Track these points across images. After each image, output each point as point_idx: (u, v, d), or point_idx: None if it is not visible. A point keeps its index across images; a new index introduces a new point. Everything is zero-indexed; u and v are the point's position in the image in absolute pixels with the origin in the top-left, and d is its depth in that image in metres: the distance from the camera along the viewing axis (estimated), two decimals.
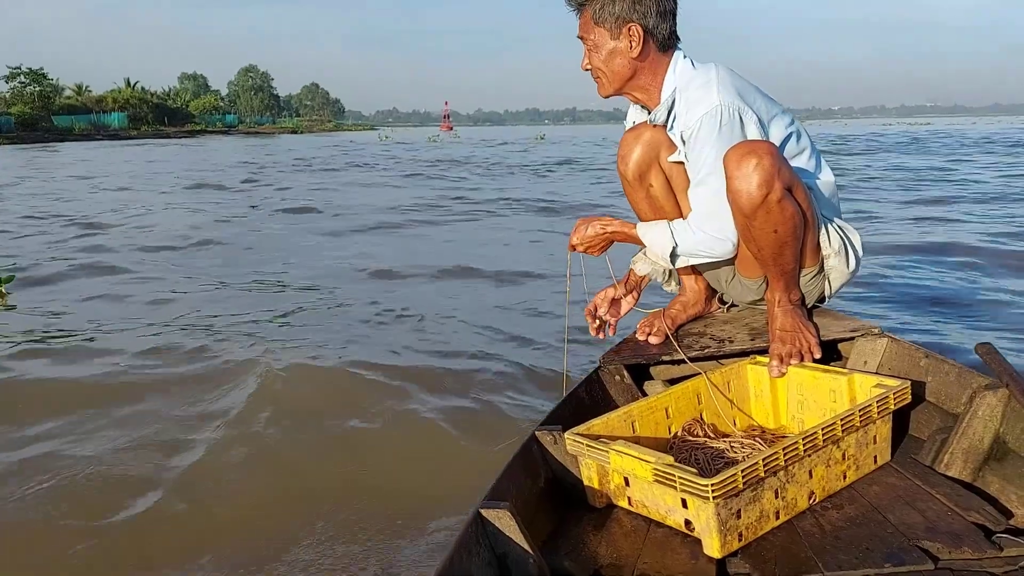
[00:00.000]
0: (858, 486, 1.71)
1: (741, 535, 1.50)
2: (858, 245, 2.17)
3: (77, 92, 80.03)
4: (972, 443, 1.71)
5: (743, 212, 1.91)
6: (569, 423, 1.81)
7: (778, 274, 2.05)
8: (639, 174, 2.20)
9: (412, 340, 4.02)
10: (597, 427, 1.77)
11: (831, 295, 2.24)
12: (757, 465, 1.48)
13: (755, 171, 1.86)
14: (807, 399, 1.98)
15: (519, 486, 1.63)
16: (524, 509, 1.55)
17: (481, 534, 1.41)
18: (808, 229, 2.02)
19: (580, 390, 2.12)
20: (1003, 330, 3.99)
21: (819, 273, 2.16)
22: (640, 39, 2.04)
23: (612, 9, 2.03)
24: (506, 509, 1.42)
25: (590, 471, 1.72)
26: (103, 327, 4.34)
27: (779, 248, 1.97)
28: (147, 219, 9.70)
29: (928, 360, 1.98)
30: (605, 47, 2.09)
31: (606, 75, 2.13)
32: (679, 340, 2.26)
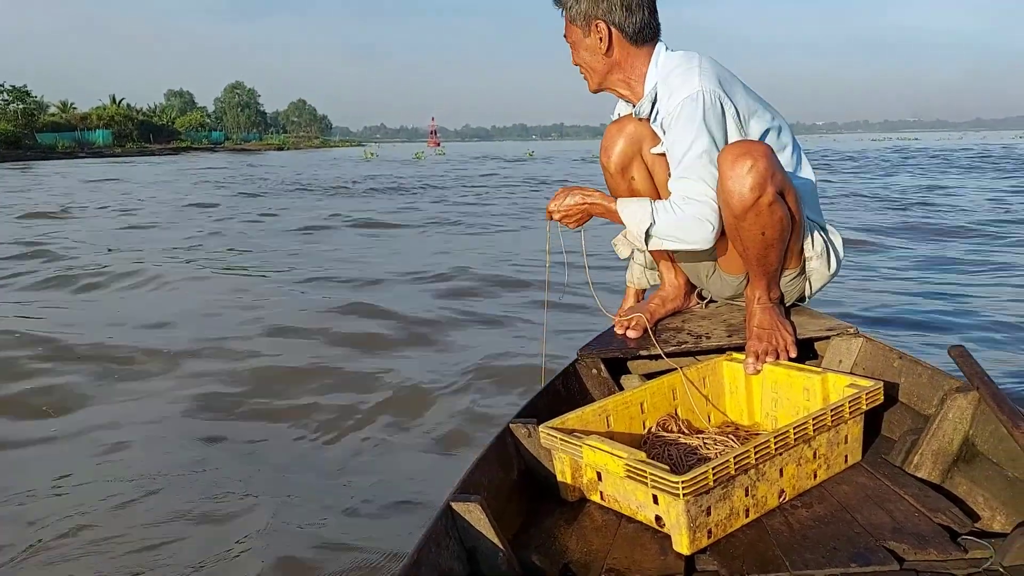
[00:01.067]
0: (828, 485, 1.72)
1: (710, 532, 1.51)
2: (839, 247, 2.18)
3: (62, 109, 79.14)
4: (942, 445, 1.72)
5: (733, 212, 1.92)
6: (544, 416, 1.81)
7: (761, 273, 2.05)
8: (621, 166, 2.20)
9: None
10: (571, 421, 1.77)
11: (811, 296, 2.25)
12: (728, 463, 1.49)
13: (749, 173, 1.86)
14: (781, 397, 1.99)
15: (491, 478, 1.63)
16: (495, 502, 1.55)
17: (451, 527, 1.41)
18: (794, 232, 2.03)
19: (557, 382, 2.12)
20: (976, 330, 4.03)
21: (800, 275, 2.17)
22: (606, 34, 2.05)
23: (579, 8, 2.07)
24: (476, 502, 1.41)
25: (563, 465, 1.72)
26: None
27: (765, 249, 1.98)
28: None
29: (902, 361, 2.00)
30: (581, 45, 2.12)
31: (587, 71, 2.16)
32: (657, 334, 2.27)
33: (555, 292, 4.35)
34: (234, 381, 3.67)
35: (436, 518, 1.39)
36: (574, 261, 2.15)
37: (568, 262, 2.19)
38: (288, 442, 2.98)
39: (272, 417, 3.23)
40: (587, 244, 2.18)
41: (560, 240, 2.13)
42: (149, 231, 10.16)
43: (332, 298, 5.45)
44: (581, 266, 2.17)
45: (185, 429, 3.12)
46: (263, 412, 3.29)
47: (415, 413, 3.24)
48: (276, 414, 3.26)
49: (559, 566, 1.50)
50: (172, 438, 3.03)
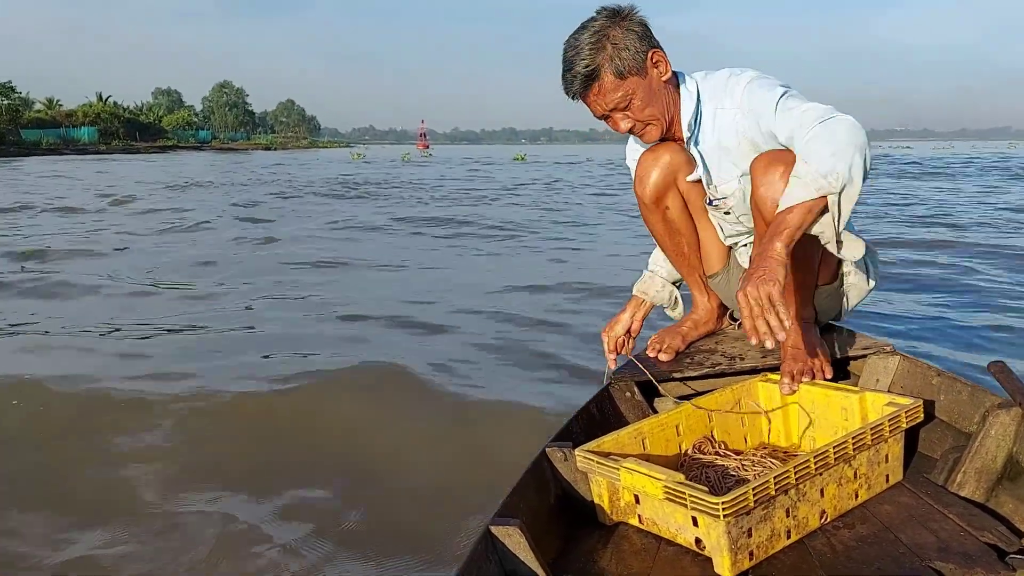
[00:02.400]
0: (870, 505, 1.70)
1: (752, 554, 1.49)
2: (876, 260, 2.17)
3: (48, 106, 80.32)
4: (985, 463, 1.70)
5: (766, 220, 1.89)
6: (580, 439, 1.81)
7: (795, 288, 2.04)
8: (656, 197, 2.18)
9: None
10: (607, 444, 1.76)
11: (848, 311, 2.23)
12: (768, 483, 1.48)
13: (782, 179, 1.83)
14: (819, 417, 1.98)
15: (529, 503, 1.63)
16: (534, 526, 1.55)
17: (491, 551, 1.41)
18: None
19: (591, 406, 2.12)
20: (1017, 348, 3.96)
21: (837, 289, 2.15)
22: (664, 60, 1.97)
23: (628, 51, 1.91)
24: (516, 526, 1.42)
25: (600, 488, 1.72)
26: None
27: (800, 261, 1.96)
28: None
29: (940, 378, 1.98)
30: (642, 91, 1.96)
31: (656, 117, 2.01)
32: (691, 357, 2.26)
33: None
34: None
35: (476, 542, 1.40)
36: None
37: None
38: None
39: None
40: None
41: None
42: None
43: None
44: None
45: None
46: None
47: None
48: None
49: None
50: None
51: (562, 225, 10.74)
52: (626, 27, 1.93)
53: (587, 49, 1.91)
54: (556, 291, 5.76)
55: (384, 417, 3.15)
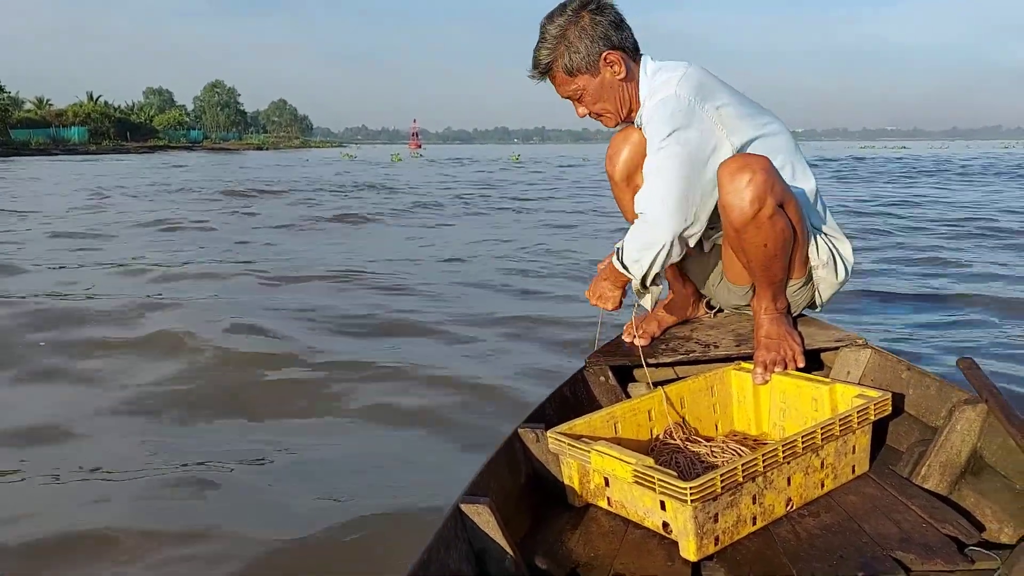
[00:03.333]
0: (835, 495, 1.72)
1: (717, 539, 1.51)
2: (848, 254, 2.18)
3: (38, 106, 79.39)
4: (949, 457, 1.72)
5: (734, 225, 1.93)
6: (552, 421, 1.82)
7: (766, 284, 2.06)
8: (626, 174, 2.20)
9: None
10: (579, 427, 1.77)
11: (822, 304, 2.25)
12: (736, 470, 1.50)
13: (748, 186, 1.87)
14: (789, 407, 2.00)
15: (500, 482, 1.64)
16: (504, 505, 1.55)
17: (460, 528, 1.41)
18: (798, 242, 2.03)
19: (564, 389, 2.13)
20: (984, 345, 4.02)
21: (806, 284, 2.17)
22: (619, 61, 2.02)
23: (578, 53, 1.99)
24: (486, 504, 1.42)
25: (571, 470, 1.73)
26: None
27: (768, 261, 1.99)
28: None
29: (910, 373, 2.00)
30: (593, 89, 2.05)
31: (610, 109, 2.10)
32: (665, 343, 2.27)
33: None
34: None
35: (445, 520, 1.40)
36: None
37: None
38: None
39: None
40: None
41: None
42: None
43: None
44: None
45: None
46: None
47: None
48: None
49: (566, 570, 1.51)
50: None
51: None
52: (586, 24, 1.98)
53: (547, 43, 2.02)
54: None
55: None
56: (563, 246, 7.98)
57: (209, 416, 3.12)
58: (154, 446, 2.79)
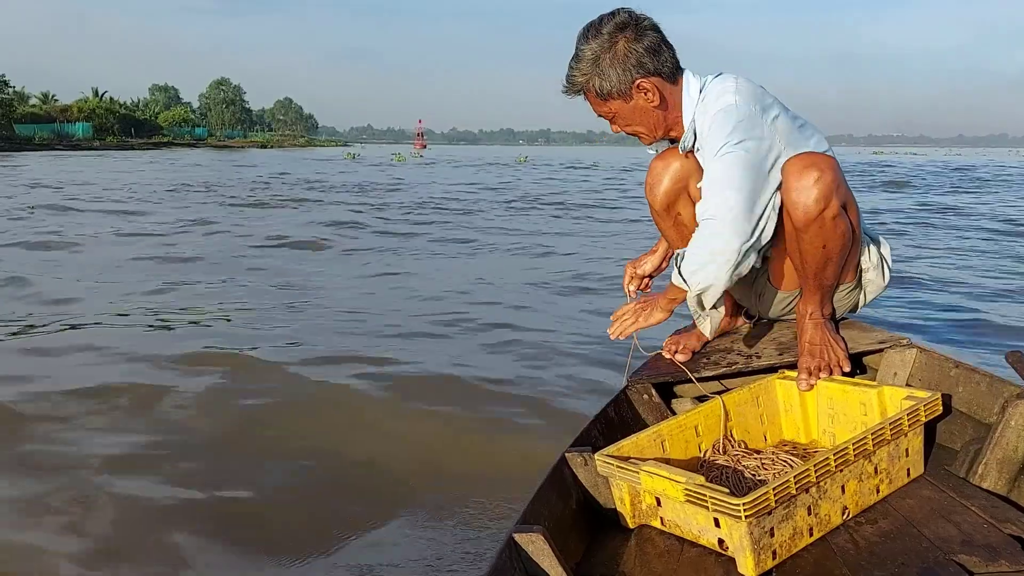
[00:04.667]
0: (892, 500, 1.70)
1: (775, 553, 1.50)
2: (889, 258, 2.18)
3: (43, 101, 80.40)
4: (1006, 453, 1.69)
5: (796, 224, 1.92)
6: (599, 444, 1.82)
7: (816, 288, 2.05)
8: (667, 203, 2.19)
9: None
10: (627, 448, 1.77)
11: (863, 306, 2.24)
12: (788, 482, 1.49)
13: (815, 185, 1.86)
14: (837, 413, 1.98)
15: (551, 509, 1.65)
16: (557, 532, 1.56)
17: (515, 559, 1.42)
18: (854, 246, 2.02)
19: (609, 410, 2.13)
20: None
21: (856, 288, 2.17)
22: (653, 88, 1.98)
23: (610, 82, 1.97)
24: (539, 533, 1.43)
25: (621, 492, 1.73)
26: None
27: (824, 263, 1.98)
28: None
29: (958, 370, 1.97)
30: (626, 113, 2.03)
31: (644, 132, 2.07)
32: (707, 357, 2.27)
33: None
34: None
35: (499, 551, 1.41)
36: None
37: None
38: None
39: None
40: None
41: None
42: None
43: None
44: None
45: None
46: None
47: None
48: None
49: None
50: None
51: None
52: (620, 51, 1.94)
53: (582, 64, 1.98)
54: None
55: None
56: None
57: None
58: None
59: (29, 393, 3.50)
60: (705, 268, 1.86)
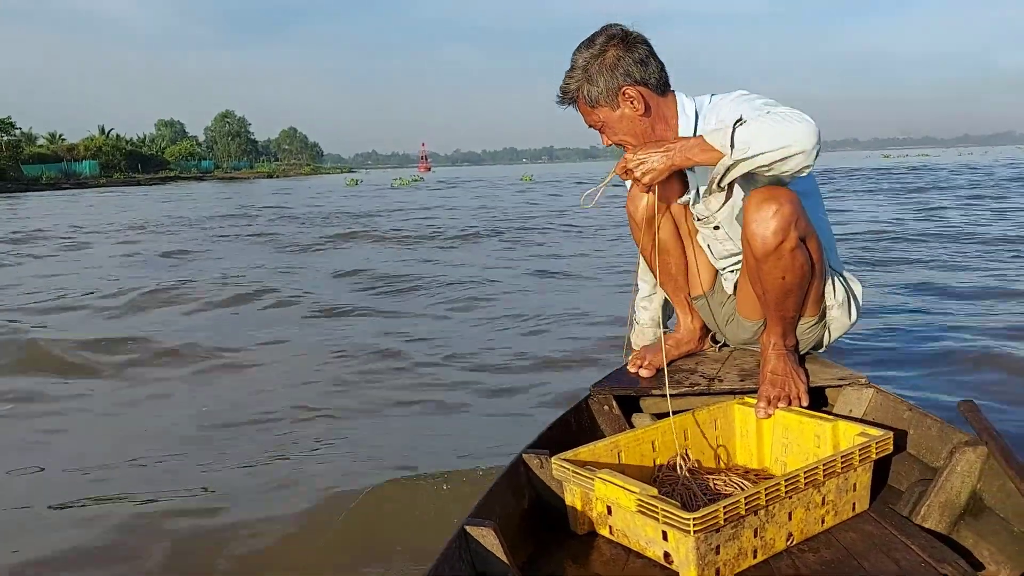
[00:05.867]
0: (836, 531, 1.74)
1: (718, 571, 1.53)
2: (859, 296, 2.22)
3: (50, 141, 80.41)
4: (949, 497, 1.74)
5: (755, 255, 1.96)
6: (556, 448, 1.84)
7: (778, 319, 2.09)
8: (648, 217, 2.22)
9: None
10: (584, 454, 1.80)
11: (828, 344, 2.29)
12: (739, 502, 1.51)
13: (774, 217, 1.90)
14: (791, 442, 2.02)
15: (504, 506, 1.66)
16: (507, 529, 1.57)
17: (464, 549, 1.43)
18: (815, 279, 2.06)
19: (568, 416, 2.15)
20: (984, 388, 4.02)
21: (819, 322, 2.20)
22: (639, 96, 2.02)
23: (597, 88, 2.02)
24: (490, 527, 1.44)
25: (574, 497, 1.75)
26: None
27: (784, 294, 2.02)
28: None
29: (912, 413, 2.02)
30: (613, 121, 2.08)
31: (632, 142, 2.09)
32: (670, 375, 2.30)
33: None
34: None
35: (450, 540, 1.42)
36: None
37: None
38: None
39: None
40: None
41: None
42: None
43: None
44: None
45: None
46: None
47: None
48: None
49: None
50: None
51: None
52: (609, 60, 2.01)
53: (575, 72, 2.05)
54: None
55: None
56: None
57: None
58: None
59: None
60: (769, 141, 1.76)
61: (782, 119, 1.76)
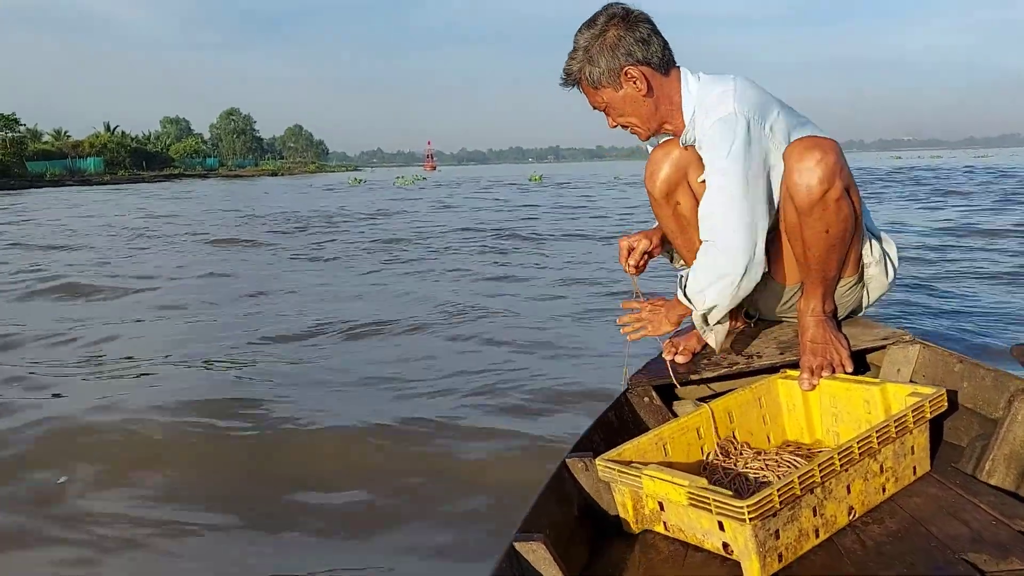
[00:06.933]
0: (898, 498, 1.67)
1: (781, 556, 1.47)
2: (894, 256, 2.15)
3: (56, 137, 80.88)
4: (1014, 449, 1.67)
5: (799, 207, 1.91)
6: (600, 448, 1.79)
7: (819, 280, 2.02)
8: (666, 192, 2.17)
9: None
10: (628, 452, 1.75)
11: (867, 306, 2.21)
12: (793, 483, 1.46)
13: (818, 165, 1.85)
14: (841, 411, 1.95)
15: (552, 516, 1.62)
16: (558, 540, 1.53)
17: (516, 568, 1.39)
18: (856, 235, 2.00)
19: (609, 414, 2.10)
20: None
21: (858, 283, 2.14)
22: (641, 76, 1.99)
23: (599, 68, 2.00)
24: (540, 541, 1.40)
25: (623, 497, 1.70)
26: None
27: (827, 250, 1.96)
28: None
29: (963, 365, 1.94)
30: (617, 102, 2.04)
31: (637, 123, 2.08)
32: (707, 358, 2.24)
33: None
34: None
35: (500, 561, 1.38)
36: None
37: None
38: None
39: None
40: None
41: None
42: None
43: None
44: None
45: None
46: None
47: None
48: None
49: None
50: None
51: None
52: (610, 40, 1.98)
53: (576, 53, 2.03)
54: None
55: None
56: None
57: None
58: None
59: None
60: (711, 288, 1.95)
61: (710, 259, 1.93)
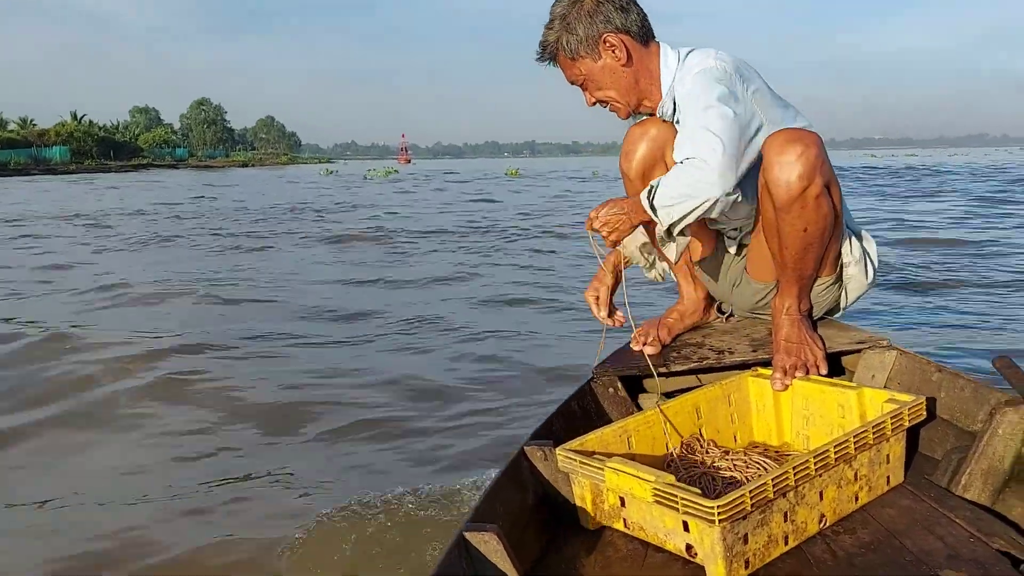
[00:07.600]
0: (871, 508, 1.59)
1: (748, 562, 1.38)
2: (874, 255, 2.07)
3: (21, 126, 79.38)
4: (992, 464, 1.60)
5: (777, 203, 1.81)
6: (560, 438, 1.69)
7: (794, 279, 1.93)
8: (643, 172, 2.07)
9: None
10: (591, 442, 1.64)
11: (845, 307, 2.14)
12: (766, 485, 1.36)
13: (799, 160, 1.75)
14: (813, 414, 1.87)
15: (506, 505, 1.51)
16: (512, 530, 1.42)
17: (465, 559, 1.28)
18: (835, 234, 1.91)
19: (572, 403, 2.00)
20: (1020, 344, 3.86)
21: (835, 283, 2.05)
22: (620, 44, 1.90)
23: (577, 36, 1.90)
24: (492, 532, 1.29)
25: (583, 490, 1.60)
26: None
27: (804, 249, 1.86)
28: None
29: (941, 374, 1.87)
30: (596, 73, 1.94)
31: (616, 97, 1.97)
32: (677, 351, 2.15)
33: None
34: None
35: (448, 550, 1.27)
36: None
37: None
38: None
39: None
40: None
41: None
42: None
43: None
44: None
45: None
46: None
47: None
48: None
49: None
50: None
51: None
52: (588, 6, 1.89)
53: (553, 22, 1.93)
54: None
55: None
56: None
57: None
58: None
59: None
60: (681, 204, 1.73)
61: (688, 174, 1.71)
